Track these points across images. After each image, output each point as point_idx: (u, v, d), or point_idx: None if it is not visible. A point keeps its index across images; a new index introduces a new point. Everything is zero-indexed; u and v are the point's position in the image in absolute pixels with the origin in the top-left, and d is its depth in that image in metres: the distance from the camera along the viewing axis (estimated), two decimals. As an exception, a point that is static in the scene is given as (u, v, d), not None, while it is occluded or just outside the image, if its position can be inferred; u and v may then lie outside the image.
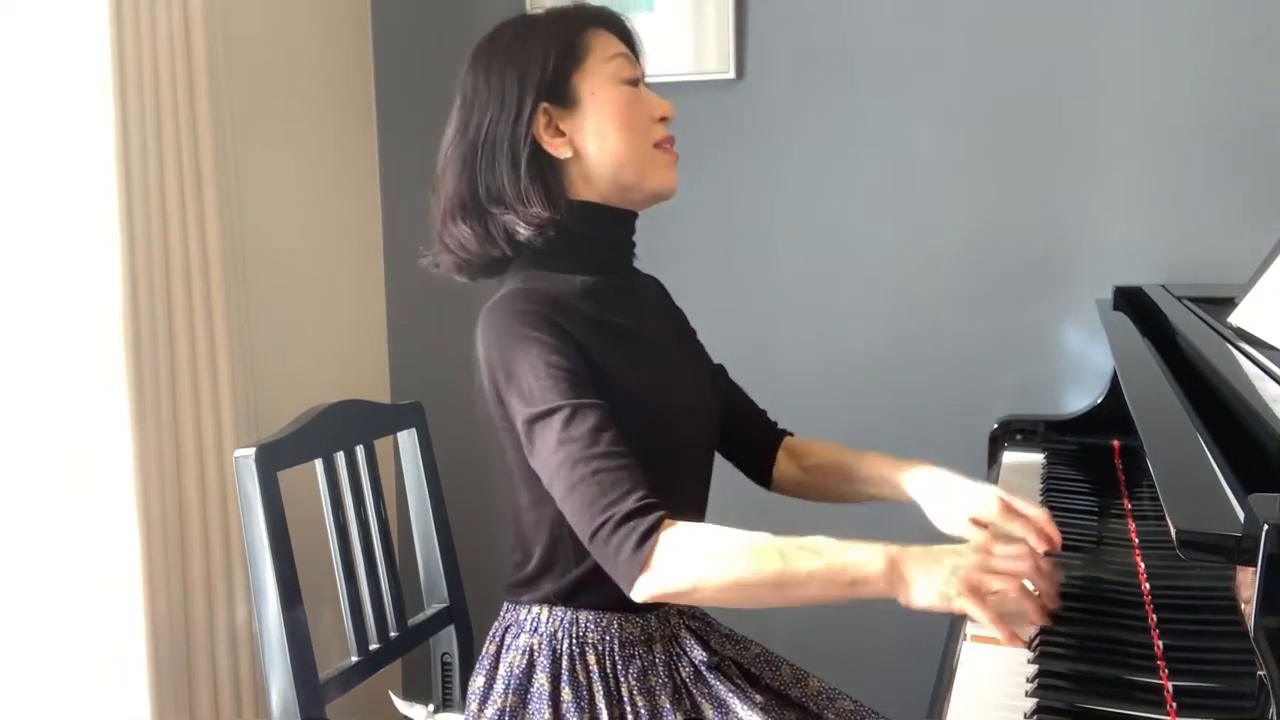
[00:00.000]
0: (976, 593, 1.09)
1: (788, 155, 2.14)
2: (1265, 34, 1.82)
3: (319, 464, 1.55)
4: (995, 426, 1.86)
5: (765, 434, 1.51)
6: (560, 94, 1.26)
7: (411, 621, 1.67)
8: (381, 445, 1.69)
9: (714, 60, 2.13)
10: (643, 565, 1.10)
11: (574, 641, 1.29)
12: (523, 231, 1.25)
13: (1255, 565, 0.73)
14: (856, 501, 1.47)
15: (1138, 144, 1.92)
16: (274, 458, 1.44)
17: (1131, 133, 1.92)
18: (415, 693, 1.63)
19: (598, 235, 1.31)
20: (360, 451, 1.62)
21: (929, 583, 1.10)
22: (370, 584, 1.60)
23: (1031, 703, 1.01)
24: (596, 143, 1.26)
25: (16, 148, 1.73)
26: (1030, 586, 1.14)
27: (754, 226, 2.20)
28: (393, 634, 1.63)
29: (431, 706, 1.57)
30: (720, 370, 1.51)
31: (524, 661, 1.30)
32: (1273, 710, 0.73)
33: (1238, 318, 1.41)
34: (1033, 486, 1.64)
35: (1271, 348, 1.29)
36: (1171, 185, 1.91)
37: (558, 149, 1.26)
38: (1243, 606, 0.78)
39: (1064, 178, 1.97)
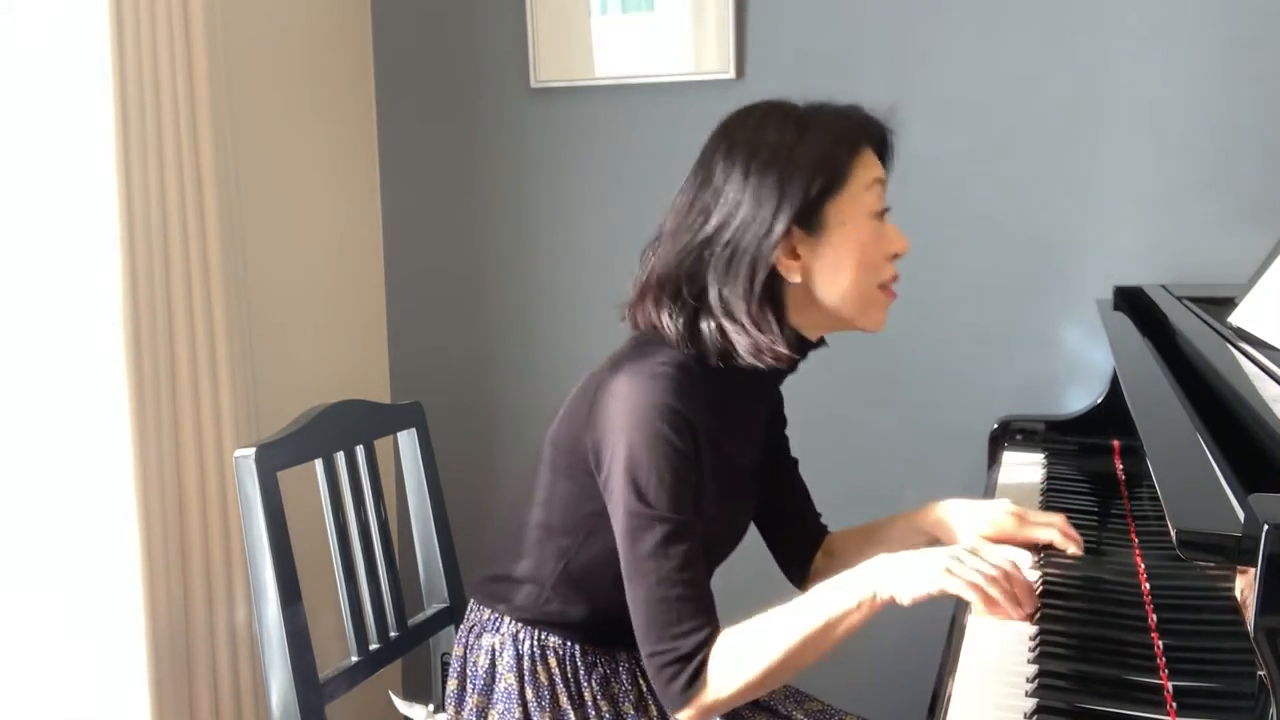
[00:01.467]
0: (951, 572, 1.13)
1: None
2: (1265, 34, 1.82)
3: (319, 464, 1.55)
4: (995, 426, 1.86)
5: (812, 537, 1.52)
6: (811, 218, 1.19)
7: (411, 621, 1.67)
8: (381, 445, 1.69)
9: (714, 60, 2.13)
10: (689, 702, 1.17)
11: (535, 644, 1.31)
12: (744, 355, 1.21)
13: (1255, 565, 0.73)
14: None
15: (1138, 144, 1.92)
16: (274, 458, 1.44)
17: (1132, 133, 1.92)
18: (415, 693, 1.63)
19: (789, 352, 1.24)
20: (360, 451, 1.62)
21: (910, 574, 1.14)
22: (370, 584, 1.60)
23: (1031, 703, 1.01)
24: (829, 275, 1.21)
25: (16, 148, 1.73)
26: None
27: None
28: (393, 634, 1.63)
29: (431, 706, 1.57)
30: (793, 465, 1.51)
31: (487, 661, 1.33)
32: (1273, 710, 0.73)
33: (1238, 318, 1.41)
34: (1033, 486, 1.64)
35: (1271, 348, 1.29)
36: (1172, 185, 1.91)
37: (790, 273, 1.21)
38: (1242, 605, 0.78)
39: (1064, 178, 1.97)
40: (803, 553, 1.50)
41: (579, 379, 1.30)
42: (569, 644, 1.31)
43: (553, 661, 1.30)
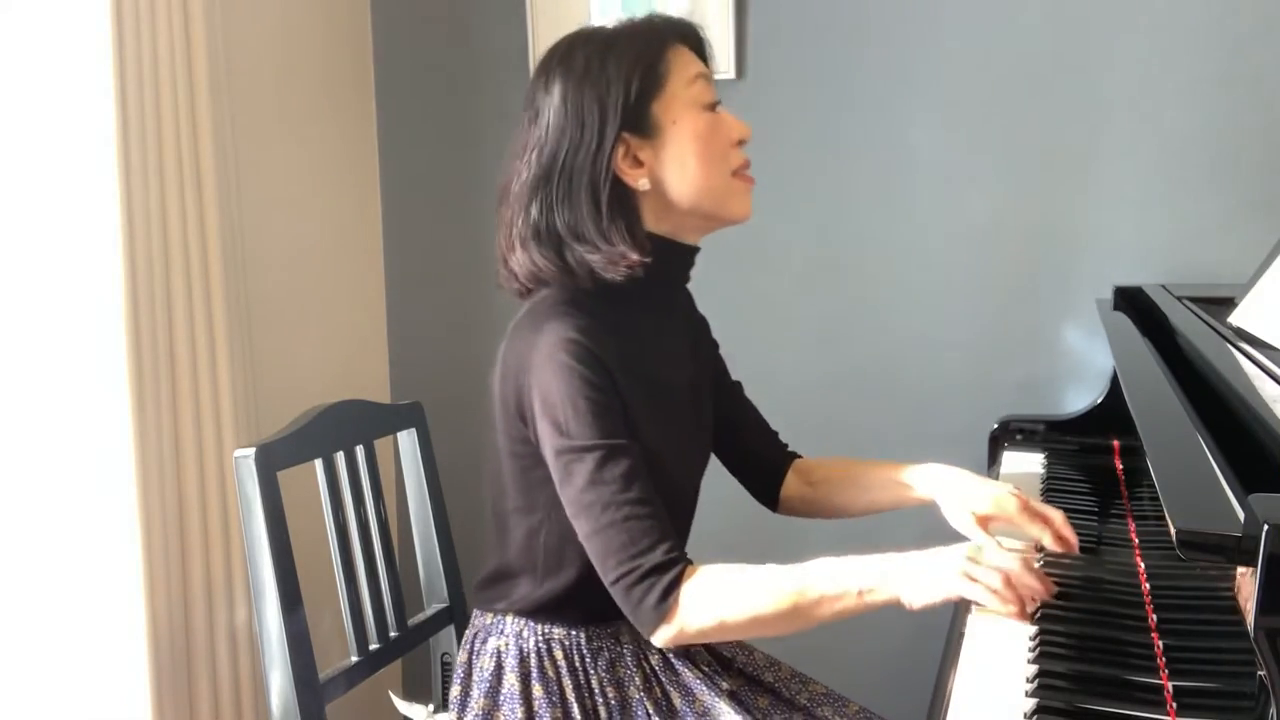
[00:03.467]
0: (967, 577, 1.11)
1: (787, 155, 2.14)
2: (1265, 33, 1.82)
3: (319, 464, 1.55)
4: (995, 426, 1.86)
5: (775, 456, 1.51)
6: (640, 123, 1.20)
7: (411, 621, 1.67)
8: (381, 445, 1.69)
9: (714, 60, 2.13)
10: (664, 618, 1.14)
11: (540, 639, 1.31)
12: (607, 272, 1.21)
13: (1255, 565, 0.73)
14: (865, 513, 1.47)
15: (1138, 144, 1.92)
16: (274, 458, 1.44)
17: (1131, 133, 1.92)
18: (415, 693, 1.63)
19: (660, 272, 1.26)
20: (360, 451, 1.62)
21: (924, 581, 1.12)
22: (370, 584, 1.60)
23: (1031, 703, 1.01)
24: (676, 174, 1.22)
25: (16, 148, 1.73)
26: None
27: (754, 226, 2.19)
28: (393, 634, 1.63)
29: (431, 706, 1.57)
30: (737, 387, 1.50)
31: (493, 664, 1.32)
32: (1273, 710, 0.73)
33: (1238, 318, 1.41)
34: (1033, 486, 1.64)
35: (1271, 348, 1.29)
36: (1171, 185, 1.91)
37: (636, 180, 1.21)
38: (1243, 606, 0.79)
39: (1064, 178, 1.97)
40: (769, 473, 1.49)
41: None
42: (574, 633, 1.30)
43: (559, 653, 1.30)
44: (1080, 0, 1.92)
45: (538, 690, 1.29)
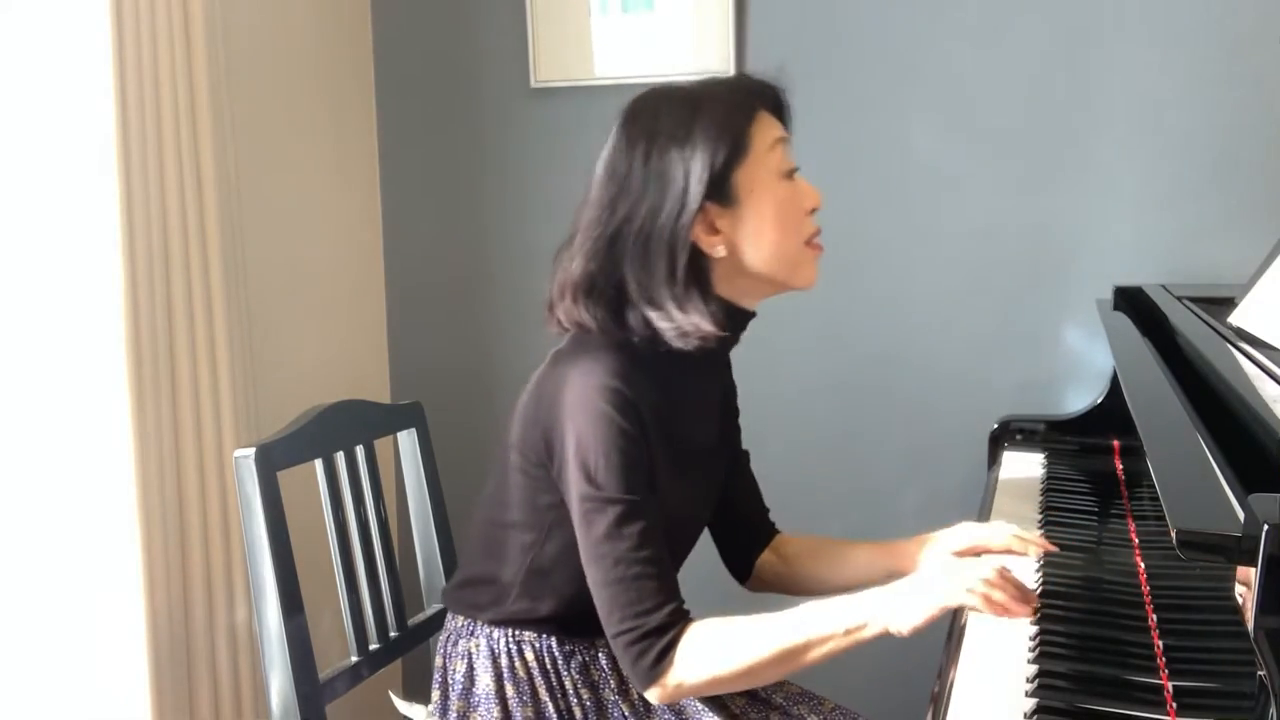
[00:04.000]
0: (950, 587, 1.12)
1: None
2: (1265, 33, 1.82)
3: (319, 464, 1.55)
4: (995, 426, 1.86)
5: (759, 532, 1.50)
6: (722, 190, 1.19)
7: (411, 622, 1.67)
8: (381, 445, 1.69)
9: (714, 60, 2.13)
10: (658, 678, 1.16)
11: (510, 639, 1.31)
12: (677, 342, 1.20)
13: (1255, 565, 0.73)
14: (839, 590, 1.38)
15: (1138, 144, 1.92)
16: (274, 458, 1.44)
17: (1131, 133, 1.92)
18: (415, 693, 1.63)
19: (717, 329, 1.24)
20: (360, 451, 1.62)
21: (908, 605, 1.13)
22: (370, 584, 1.60)
23: (1031, 703, 1.01)
24: (753, 243, 1.22)
25: (16, 147, 1.73)
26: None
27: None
28: (393, 634, 1.63)
29: (431, 706, 1.57)
30: (744, 456, 1.50)
31: (464, 666, 1.33)
32: (1273, 710, 0.73)
33: (1238, 318, 1.41)
34: (1033, 487, 1.64)
35: (1271, 348, 1.29)
36: (1171, 185, 1.91)
37: (713, 248, 1.21)
38: (1242, 605, 0.79)
39: (1064, 178, 1.97)
40: (747, 547, 1.49)
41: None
42: (544, 637, 1.31)
43: (530, 655, 1.31)
44: (1080, 0, 1.92)
45: (510, 690, 1.30)
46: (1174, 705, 0.99)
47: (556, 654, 1.31)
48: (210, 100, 1.87)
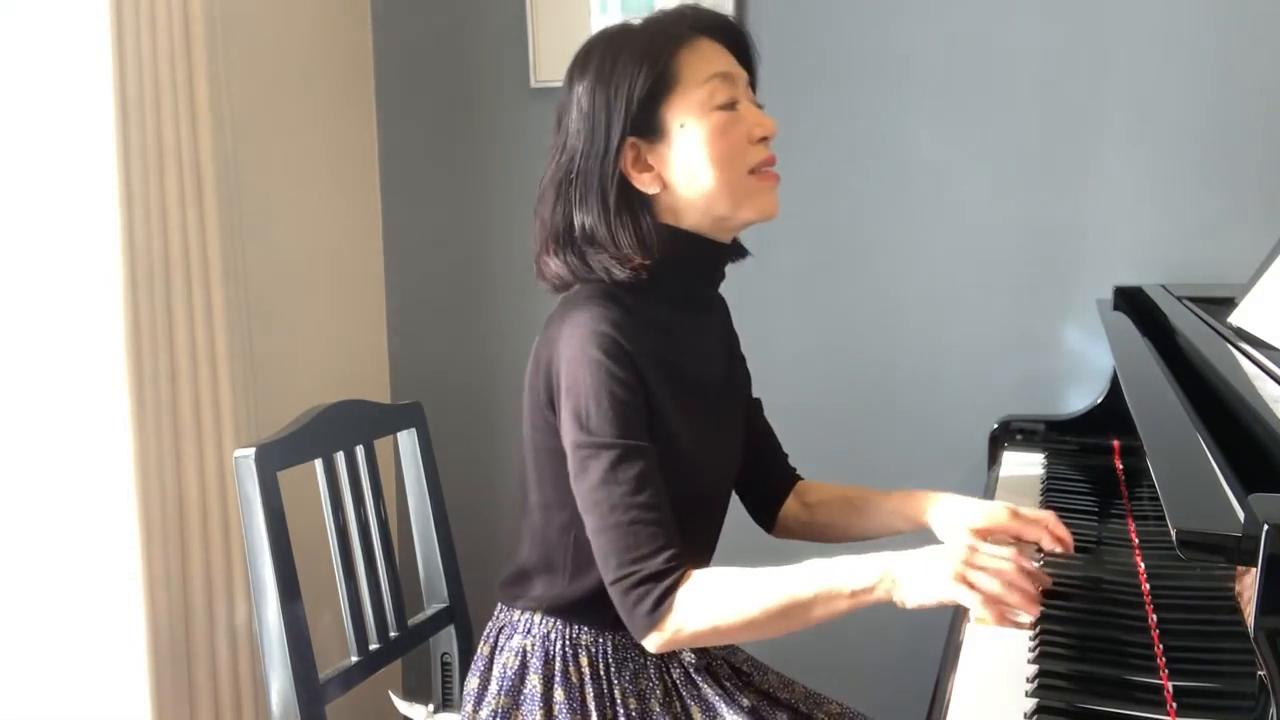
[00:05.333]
0: (964, 581, 1.08)
1: (787, 155, 2.12)
2: (1265, 33, 1.82)
3: (319, 464, 1.55)
4: (995, 426, 1.86)
5: (781, 479, 1.50)
6: (647, 126, 1.20)
7: (411, 621, 1.67)
8: (381, 445, 1.69)
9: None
10: (655, 624, 1.14)
11: (567, 643, 1.30)
12: (618, 273, 1.21)
13: (1255, 565, 0.73)
14: (863, 538, 1.44)
15: (1138, 144, 1.92)
16: (274, 458, 1.44)
17: (1131, 133, 1.92)
18: (415, 693, 1.63)
19: (685, 267, 1.26)
20: (360, 451, 1.62)
21: (919, 581, 1.10)
22: (370, 584, 1.60)
23: (1031, 703, 1.01)
24: (686, 177, 1.21)
25: (16, 147, 1.73)
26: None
27: (753, 226, 2.19)
28: (393, 634, 1.63)
29: (431, 706, 1.57)
30: (756, 404, 1.50)
31: (517, 663, 1.31)
32: (1273, 710, 0.73)
33: (1238, 318, 1.41)
34: (1033, 487, 1.64)
35: (1271, 348, 1.29)
36: (1171, 185, 1.91)
37: (645, 185, 1.21)
38: (1243, 604, 0.79)
39: (1064, 178, 1.97)
40: (771, 495, 1.48)
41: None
42: (601, 640, 1.29)
43: (584, 660, 1.29)
44: (1081, 1, 1.92)
45: (559, 694, 1.28)
46: (1174, 705, 0.99)
47: (610, 660, 1.29)
48: (210, 100, 1.87)
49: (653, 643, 1.15)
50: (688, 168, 1.21)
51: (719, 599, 1.14)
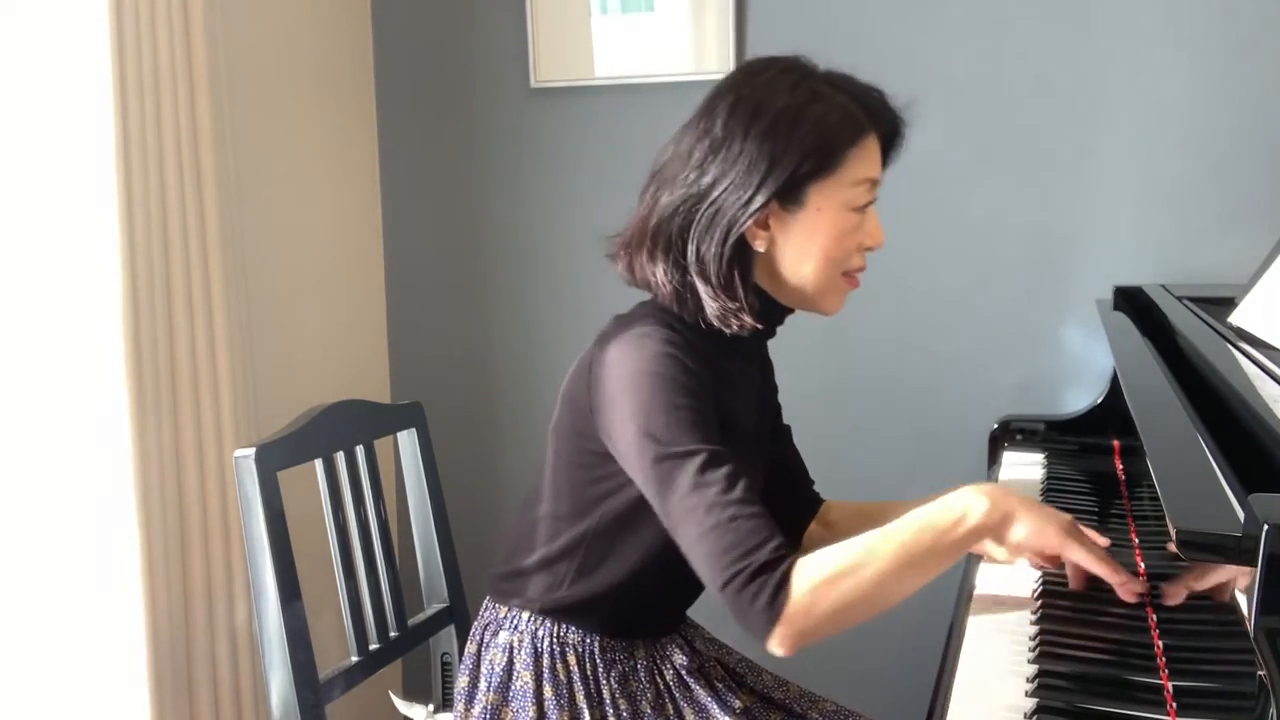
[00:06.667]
0: (1078, 537, 1.10)
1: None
2: (1265, 34, 1.82)
3: (319, 464, 1.55)
4: (995, 426, 1.86)
5: (804, 506, 1.50)
6: (791, 196, 1.20)
7: (411, 621, 1.67)
8: (381, 445, 1.69)
9: (714, 60, 2.13)
10: (777, 617, 1.06)
11: (554, 641, 1.30)
12: (716, 323, 1.22)
13: (1255, 565, 0.74)
14: None
15: (1138, 144, 1.92)
16: (274, 458, 1.44)
17: (1131, 133, 1.92)
18: (415, 693, 1.63)
19: (757, 322, 1.25)
20: (360, 451, 1.62)
21: (1033, 520, 1.10)
22: (370, 584, 1.60)
23: (1031, 703, 1.01)
24: (796, 252, 1.22)
25: (17, 147, 1.73)
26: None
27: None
28: (393, 634, 1.63)
29: (431, 706, 1.57)
30: (786, 431, 1.50)
31: (504, 659, 1.31)
32: (1273, 710, 0.73)
33: (1238, 318, 1.41)
34: (1033, 486, 1.64)
35: (1271, 348, 1.29)
36: (1171, 185, 1.91)
37: (756, 240, 1.21)
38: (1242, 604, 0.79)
39: (1064, 178, 1.97)
40: (797, 519, 1.48)
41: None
42: (588, 640, 1.29)
43: (572, 659, 1.29)
44: (1080, 0, 1.92)
45: (548, 691, 1.28)
46: (1174, 705, 0.99)
47: (598, 660, 1.29)
48: (210, 100, 1.87)
49: (779, 641, 1.07)
50: (802, 246, 1.21)
51: (835, 576, 1.07)
